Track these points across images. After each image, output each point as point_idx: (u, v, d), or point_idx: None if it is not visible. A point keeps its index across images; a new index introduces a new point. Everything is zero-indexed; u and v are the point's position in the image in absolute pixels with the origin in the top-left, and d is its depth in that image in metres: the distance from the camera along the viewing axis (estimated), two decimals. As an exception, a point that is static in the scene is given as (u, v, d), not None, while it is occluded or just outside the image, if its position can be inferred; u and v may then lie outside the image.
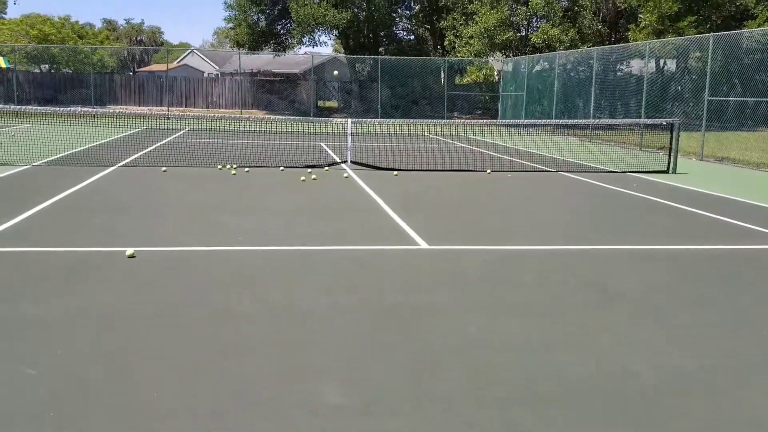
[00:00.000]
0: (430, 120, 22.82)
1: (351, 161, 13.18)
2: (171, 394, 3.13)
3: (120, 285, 4.89)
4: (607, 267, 5.86)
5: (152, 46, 63.54)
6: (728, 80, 17.57)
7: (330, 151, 15.74)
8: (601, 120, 19.61)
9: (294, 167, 12.39)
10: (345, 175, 11.62)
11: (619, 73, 22.62)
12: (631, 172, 13.07)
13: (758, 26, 20.82)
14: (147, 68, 46.82)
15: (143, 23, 72.73)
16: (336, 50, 53.52)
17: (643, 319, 4.47)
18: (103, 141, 16.60)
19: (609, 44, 26.32)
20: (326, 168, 12.56)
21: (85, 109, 20.54)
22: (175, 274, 5.22)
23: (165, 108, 32.60)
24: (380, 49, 41.08)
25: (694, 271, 5.82)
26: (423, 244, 6.47)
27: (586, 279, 5.45)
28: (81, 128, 17.89)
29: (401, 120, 19.62)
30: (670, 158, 13.34)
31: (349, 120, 14.32)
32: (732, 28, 22.49)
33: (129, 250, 5.64)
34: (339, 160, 13.52)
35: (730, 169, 14.78)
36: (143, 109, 29.61)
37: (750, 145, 15.89)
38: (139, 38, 69.47)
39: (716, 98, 16.93)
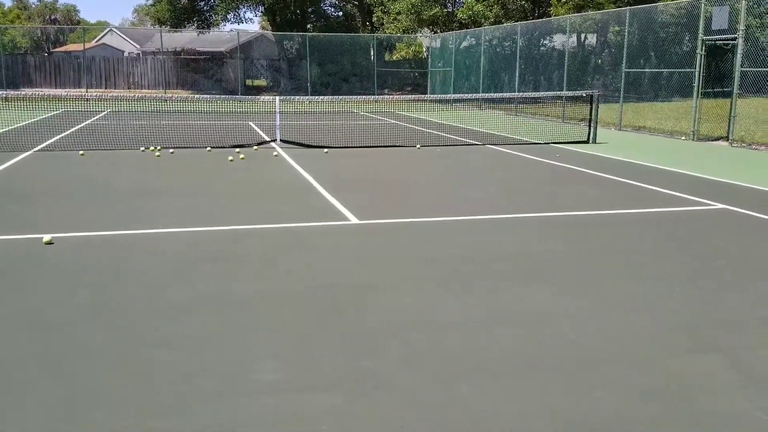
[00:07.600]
0: (359, 96, 22.77)
1: (280, 140, 13.05)
2: (108, 390, 3.00)
3: (40, 276, 4.72)
4: (529, 235, 6.06)
5: (67, 25, 60.50)
6: (644, 53, 18.25)
7: (259, 131, 15.52)
8: (526, 93, 20.09)
9: (222, 147, 12.16)
10: (275, 153, 11.50)
11: (542, 48, 23.14)
12: (553, 143, 13.49)
13: None
14: (63, 48, 44.61)
15: (57, 1, 69.19)
16: (263, 27, 52.36)
17: (571, 287, 4.66)
18: (16, 125, 15.80)
19: (532, 19, 26.84)
20: (255, 147, 12.39)
21: (-4, 92, 19.45)
22: (98, 261, 5.06)
23: (83, 89, 31.24)
24: (308, 25, 40.52)
25: (614, 234, 6.10)
26: (353, 220, 6.52)
27: (511, 249, 5.63)
28: (-8, 112, 16.97)
29: (330, 97, 19.49)
30: (590, 129, 13.83)
31: (278, 98, 14.14)
32: (648, 2, 23.29)
33: (46, 237, 5.45)
34: (268, 139, 13.36)
35: (646, 137, 15.44)
36: (59, 91, 28.27)
37: (664, 115, 16.64)
38: (53, 17, 66.04)
39: (633, 70, 17.60)
